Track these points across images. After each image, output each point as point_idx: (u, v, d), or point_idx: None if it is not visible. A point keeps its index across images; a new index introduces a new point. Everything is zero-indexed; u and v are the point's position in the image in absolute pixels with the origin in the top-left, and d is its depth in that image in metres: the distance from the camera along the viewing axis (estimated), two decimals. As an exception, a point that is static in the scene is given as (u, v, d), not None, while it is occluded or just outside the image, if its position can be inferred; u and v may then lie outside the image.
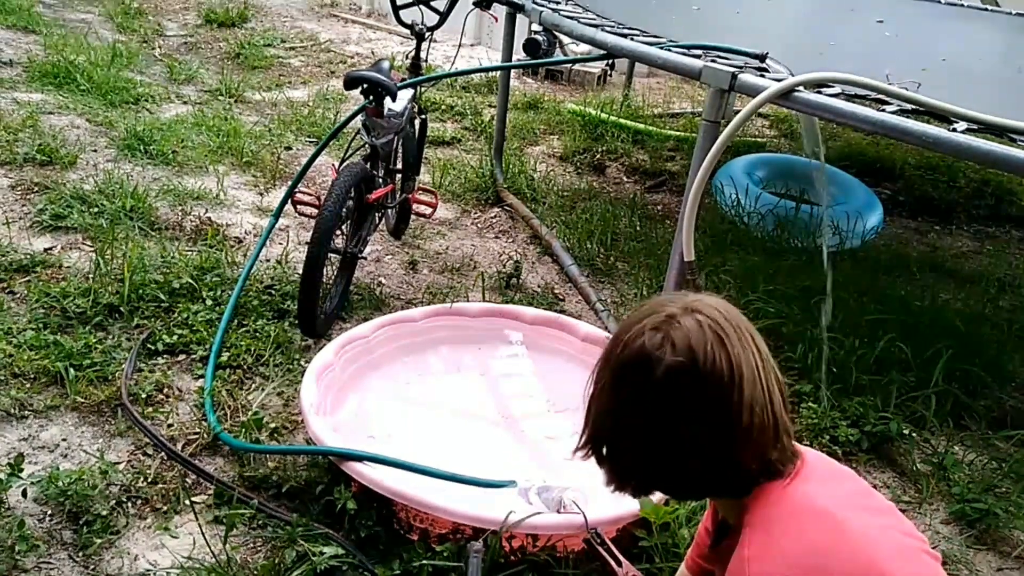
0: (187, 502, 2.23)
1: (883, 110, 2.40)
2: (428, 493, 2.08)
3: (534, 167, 4.81)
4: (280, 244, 3.59)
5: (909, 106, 2.46)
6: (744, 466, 1.18)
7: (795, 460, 1.24)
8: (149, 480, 2.30)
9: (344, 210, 2.92)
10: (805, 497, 1.20)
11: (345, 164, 3.03)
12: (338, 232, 3.00)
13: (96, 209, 3.63)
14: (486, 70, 5.63)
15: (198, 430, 2.49)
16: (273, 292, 3.19)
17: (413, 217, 3.75)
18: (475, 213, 4.26)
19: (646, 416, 1.19)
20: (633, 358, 1.17)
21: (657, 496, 2.10)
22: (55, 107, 4.74)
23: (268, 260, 3.44)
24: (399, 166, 3.48)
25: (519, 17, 4.03)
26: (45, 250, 3.33)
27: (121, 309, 2.96)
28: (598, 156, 5.09)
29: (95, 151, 4.30)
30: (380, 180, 3.22)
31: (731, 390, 1.14)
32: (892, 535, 1.21)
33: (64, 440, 2.42)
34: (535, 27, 3.70)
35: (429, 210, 3.59)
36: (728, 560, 1.23)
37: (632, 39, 3.13)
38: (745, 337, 1.18)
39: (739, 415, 1.15)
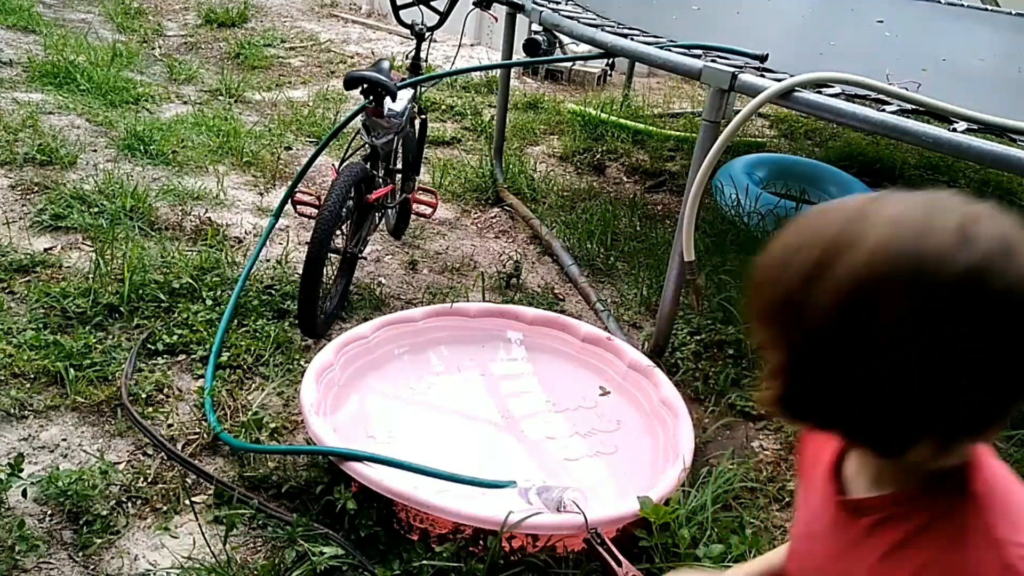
0: (187, 502, 2.23)
1: (883, 110, 2.40)
2: (428, 493, 2.08)
3: (534, 167, 4.80)
4: (280, 244, 3.59)
5: (909, 106, 2.46)
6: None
7: None
8: (149, 480, 2.30)
9: (344, 210, 2.92)
10: (1000, 463, 0.94)
11: (345, 164, 3.03)
12: (338, 232, 3.00)
13: (96, 209, 3.63)
14: (486, 68, 5.62)
15: (198, 430, 2.49)
16: (273, 292, 3.19)
17: (413, 217, 3.75)
18: (475, 213, 4.25)
19: (968, 352, 0.78)
20: (960, 279, 0.75)
21: (657, 495, 2.10)
22: (55, 107, 4.74)
23: (268, 260, 3.44)
24: (399, 166, 3.48)
25: (519, 17, 4.03)
26: (45, 250, 3.33)
27: (121, 309, 2.97)
28: (598, 156, 5.09)
29: (95, 151, 4.30)
30: (380, 180, 3.22)
31: None
32: None
33: (64, 440, 2.42)
34: (535, 27, 3.70)
35: (429, 210, 3.59)
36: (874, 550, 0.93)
37: (632, 39, 3.13)
38: None
39: None
